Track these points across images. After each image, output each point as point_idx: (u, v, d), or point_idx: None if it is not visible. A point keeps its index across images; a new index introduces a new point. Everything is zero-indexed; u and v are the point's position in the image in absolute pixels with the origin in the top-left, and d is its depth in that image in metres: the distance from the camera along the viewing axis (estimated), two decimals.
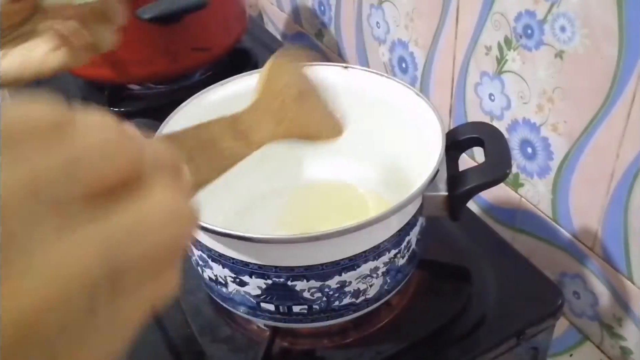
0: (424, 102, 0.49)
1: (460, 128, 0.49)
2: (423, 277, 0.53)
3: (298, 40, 1.05)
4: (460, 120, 0.71)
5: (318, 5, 0.94)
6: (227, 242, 0.42)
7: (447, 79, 0.70)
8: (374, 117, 0.54)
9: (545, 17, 0.53)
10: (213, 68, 0.85)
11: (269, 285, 0.43)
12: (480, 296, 0.53)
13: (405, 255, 0.46)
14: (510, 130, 0.63)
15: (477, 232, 0.59)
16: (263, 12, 1.15)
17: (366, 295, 0.45)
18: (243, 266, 0.42)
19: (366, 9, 0.81)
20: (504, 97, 0.62)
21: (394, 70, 0.80)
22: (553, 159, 0.59)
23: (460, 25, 0.64)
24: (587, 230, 0.59)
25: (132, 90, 0.85)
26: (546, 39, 0.54)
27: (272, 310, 0.45)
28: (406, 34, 0.74)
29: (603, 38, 0.49)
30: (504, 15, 0.58)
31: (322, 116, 0.40)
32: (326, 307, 0.44)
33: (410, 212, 0.44)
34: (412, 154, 0.49)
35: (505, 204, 0.68)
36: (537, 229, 0.65)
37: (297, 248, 0.41)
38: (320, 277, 0.42)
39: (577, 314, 0.64)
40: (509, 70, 0.60)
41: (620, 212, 0.54)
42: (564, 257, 0.63)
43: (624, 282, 0.56)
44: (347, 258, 0.42)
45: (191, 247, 0.46)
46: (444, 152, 0.44)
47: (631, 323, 0.58)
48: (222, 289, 0.46)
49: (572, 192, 0.58)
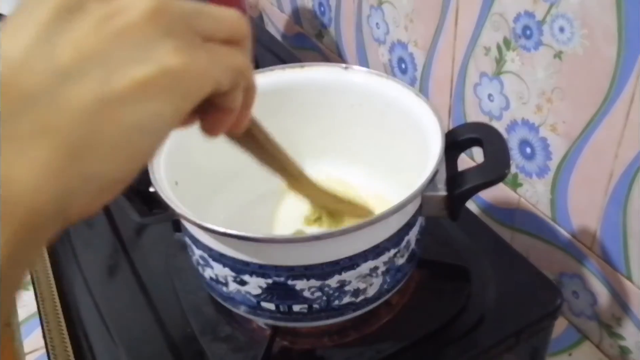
0: (423, 102, 0.49)
1: (459, 128, 0.49)
2: (422, 277, 0.53)
3: (298, 41, 1.06)
4: (460, 121, 0.71)
5: (318, 6, 0.94)
6: (228, 241, 0.42)
7: (447, 79, 0.70)
8: (374, 117, 0.54)
9: (544, 17, 0.54)
10: None
11: (269, 285, 0.43)
12: (479, 296, 0.53)
13: (404, 254, 0.46)
14: (509, 130, 0.63)
15: (476, 232, 0.59)
16: (263, 13, 1.15)
17: (366, 294, 0.45)
18: (243, 266, 0.43)
19: (366, 9, 0.81)
20: (503, 97, 0.62)
21: (394, 71, 0.80)
22: (552, 159, 0.59)
23: (460, 26, 0.65)
24: (586, 230, 0.59)
25: None
26: (545, 39, 0.54)
27: (272, 309, 0.45)
28: (406, 35, 0.74)
29: (602, 38, 0.49)
30: (503, 16, 0.58)
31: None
32: (326, 307, 0.44)
33: (410, 212, 0.44)
34: (412, 154, 0.49)
35: (504, 203, 0.68)
36: (536, 228, 0.65)
37: (297, 248, 0.42)
38: (320, 276, 0.42)
39: (576, 314, 0.64)
40: (508, 70, 0.60)
41: (619, 212, 0.54)
42: (562, 257, 0.63)
43: (623, 281, 0.57)
44: (347, 258, 0.42)
45: (191, 247, 0.46)
46: (443, 152, 0.44)
47: (630, 322, 0.58)
48: (223, 289, 0.46)
49: (571, 192, 0.59)
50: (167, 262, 0.57)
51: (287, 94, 0.55)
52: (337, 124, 0.56)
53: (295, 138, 0.58)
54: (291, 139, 0.58)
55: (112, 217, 0.64)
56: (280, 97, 0.55)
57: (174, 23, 0.24)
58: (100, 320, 0.54)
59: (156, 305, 0.55)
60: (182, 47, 0.24)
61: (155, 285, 0.57)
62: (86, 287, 0.58)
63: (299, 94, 0.55)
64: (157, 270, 0.57)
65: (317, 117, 0.56)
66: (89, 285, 0.58)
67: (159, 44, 0.24)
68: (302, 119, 0.56)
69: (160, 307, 0.55)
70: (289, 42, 1.08)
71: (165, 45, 0.24)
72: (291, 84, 0.55)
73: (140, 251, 0.61)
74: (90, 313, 0.56)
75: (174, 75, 0.24)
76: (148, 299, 0.55)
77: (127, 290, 0.57)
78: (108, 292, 0.58)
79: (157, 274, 0.57)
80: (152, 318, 0.54)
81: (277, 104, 0.55)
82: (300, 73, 0.55)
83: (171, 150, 0.46)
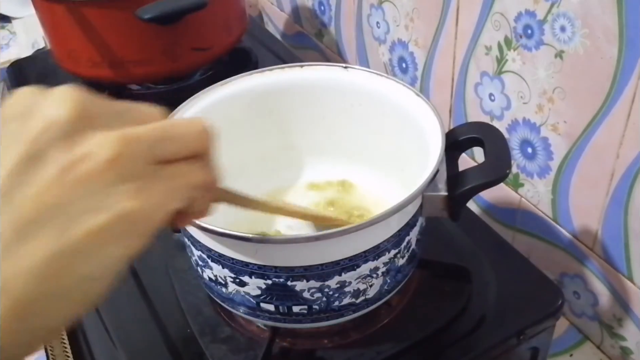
0: (423, 102, 0.49)
1: (460, 128, 0.49)
2: (423, 277, 0.53)
3: (298, 40, 1.06)
4: (460, 120, 0.71)
5: (318, 5, 0.94)
6: (227, 242, 0.42)
7: (447, 79, 0.70)
8: (374, 117, 0.54)
9: (545, 17, 0.53)
10: (213, 68, 0.85)
11: (268, 286, 0.43)
12: (480, 296, 0.53)
13: (405, 255, 0.46)
14: (510, 130, 0.63)
15: (477, 232, 0.59)
16: (263, 12, 1.15)
17: (366, 295, 0.45)
18: (243, 266, 0.42)
19: (366, 9, 0.81)
20: (503, 97, 0.62)
21: (394, 70, 0.80)
22: (553, 159, 0.59)
23: (460, 26, 0.64)
24: (587, 230, 0.59)
25: (132, 90, 0.85)
26: (546, 39, 0.54)
27: (272, 310, 0.45)
28: (406, 34, 0.74)
29: (603, 38, 0.49)
30: (504, 15, 0.58)
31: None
32: (326, 307, 0.44)
33: (410, 212, 0.44)
34: (412, 154, 0.49)
35: (505, 204, 0.68)
36: (537, 229, 0.65)
37: (297, 248, 0.41)
38: (320, 277, 0.42)
39: (577, 314, 0.64)
40: (509, 70, 0.60)
41: (620, 212, 0.54)
42: (564, 257, 0.63)
43: (624, 282, 0.56)
44: (347, 258, 0.42)
45: (191, 247, 0.46)
46: (443, 152, 0.44)
47: (631, 323, 0.58)
48: (222, 289, 0.46)
49: (572, 192, 0.58)
50: (167, 262, 0.57)
51: (287, 94, 0.55)
52: (337, 124, 0.56)
53: (295, 138, 0.58)
54: (291, 139, 0.58)
55: None
56: (280, 97, 0.55)
57: (133, 165, 0.25)
58: (99, 321, 0.54)
59: (155, 306, 0.55)
60: (139, 188, 0.25)
61: (154, 286, 0.56)
62: None
63: (299, 94, 0.55)
64: (157, 271, 0.57)
65: (317, 117, 0.56)
66: None
67: (116, 189, 0.24)
68: (302, 119, 0.56)
69: (160, 307, 0.54)
70: (289, 42, 1.08)
71: (122, 191, 0.24)
72: (291, 84, 0.54)
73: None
74: (89, 314, 0.55)
75: (129, 219, 0.25)
76: (147, 300, 0.55)
77: (127, 291, 0.57)
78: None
79: (156, 275, 0.57)
80: (151, 318, 0.54)
81: (277, 104, 0.55)
82: (300, 73, 0.54)
83: None
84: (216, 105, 0.52)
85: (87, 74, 0.79)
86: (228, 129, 0.54)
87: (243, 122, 0.55)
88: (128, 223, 0.25)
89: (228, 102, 0.53)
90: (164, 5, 0.71)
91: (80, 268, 0.24)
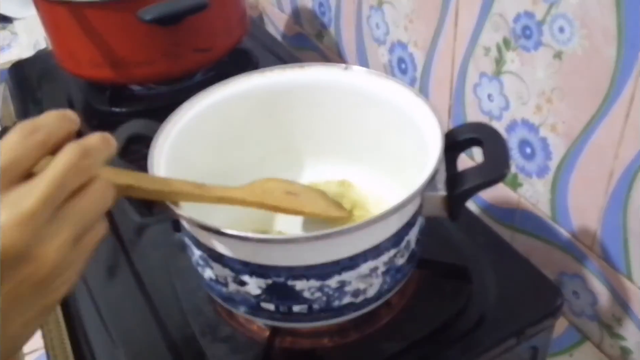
0: (423, 102, 0.49)
1: (459, 128, 0.49)
2: (423, 277, 0.53)
3: (298, 41, 1.06)
4: (459, 121, 0.71)
5: (318, 7, 0.95)
6: (227, 242, 0.42)
7: (446, 79, 0.70)
8: (373, 117, 0.54)
9: (544, 18, 0.54)
10: (214, 69, 0.85)
11: (268, 285, 0.43)
12: (480, 296, 0.53)
13: (404, 254, 0.46)
14: (509, 130, 0.63)
15: (476, 232, 0.59)
16: (264, 13, 1.15)
17: (366, 294, 0.45)
18: (243, 266, 0.43)
19: (366, 10, 0.81)
20: (502, 97, 0.62)
21: (394, 71, 0.80)
22: (552, 159, 0.59)
23: (459, 27, 0.65)
24: (586, 229, 0.59)
25: (134, 91, 0.85)
26: (545, 39, 0.54)
27: (272, 309, 0.45)
28: (405, 35, 0.74)
29: (602, 39, 0.49)
30: (503, 16, 0.58)
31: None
32: (326, 307, 0.44)
33: (410, 212, 0.44)
34: (411, 154, 0.49)
35: (504, 203, 0.68)
36: (536, 228, 0.65)
37: (297, 248, 0.42)
38: (320, 276, 0.42)
39: (577, 314, 0.64)
40: (508, 71, 0.60)
41: (619, 212, 0.54)
42: (563, 257, 0.63)
43: (623, 281, 0.57)
44: (347, 258, 0.42)
45: (191, 247, 0.46)
46: (442, 152, 0.44)
47: (631, 323, 0.58)
48: (222, 289, 0.46)
49: (571, 192, 0.59)
50: (167, 262, 0.57)
51: (287, 94, 0.55)
52: (337, 124, 0.56)
53: (295, 138, 0.58)
54: (291, 139, 0.59)
55: (112, 217, 0.64)
56: (280, 97, 0.55)
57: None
58: (100, 320, 0.54)
59: (156, 306, 0.55)
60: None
61: (155, 286, 0.57)
62: (86, 287, 0.58)
63: (299, 94, 0.55)
64: (157, 271, 0.57)
65: (317, 117, 0.56)
66: (88, 285, 0.58)
67: None
68: (302, 120, 0.56)
69: (160, 307, 0.55)
70: (289, 42, 1.08)
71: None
72: (291, 84, 0.55)
73: (140, 251, 0.61)
74: (90, 313, 0.56)
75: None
76: (148, 300, 0.55)
77: (127, 291, 0.57)
78: (108, 293, 0.58)
79: (157, 274, 0.57)
80: (151, 318, 0.54)
81: (277, 104, 0.55)
82: (300, 73, 0.55)
83: (171, 151, 0.46)
84: (217, 105, 0.52)
85: (89, 74, 0.80)
86: (228, 129, 0.54)
87: (243, 122, 0.55)
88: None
89: (228, 103, 0.53)
90: (165, 7, 0.71)
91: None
